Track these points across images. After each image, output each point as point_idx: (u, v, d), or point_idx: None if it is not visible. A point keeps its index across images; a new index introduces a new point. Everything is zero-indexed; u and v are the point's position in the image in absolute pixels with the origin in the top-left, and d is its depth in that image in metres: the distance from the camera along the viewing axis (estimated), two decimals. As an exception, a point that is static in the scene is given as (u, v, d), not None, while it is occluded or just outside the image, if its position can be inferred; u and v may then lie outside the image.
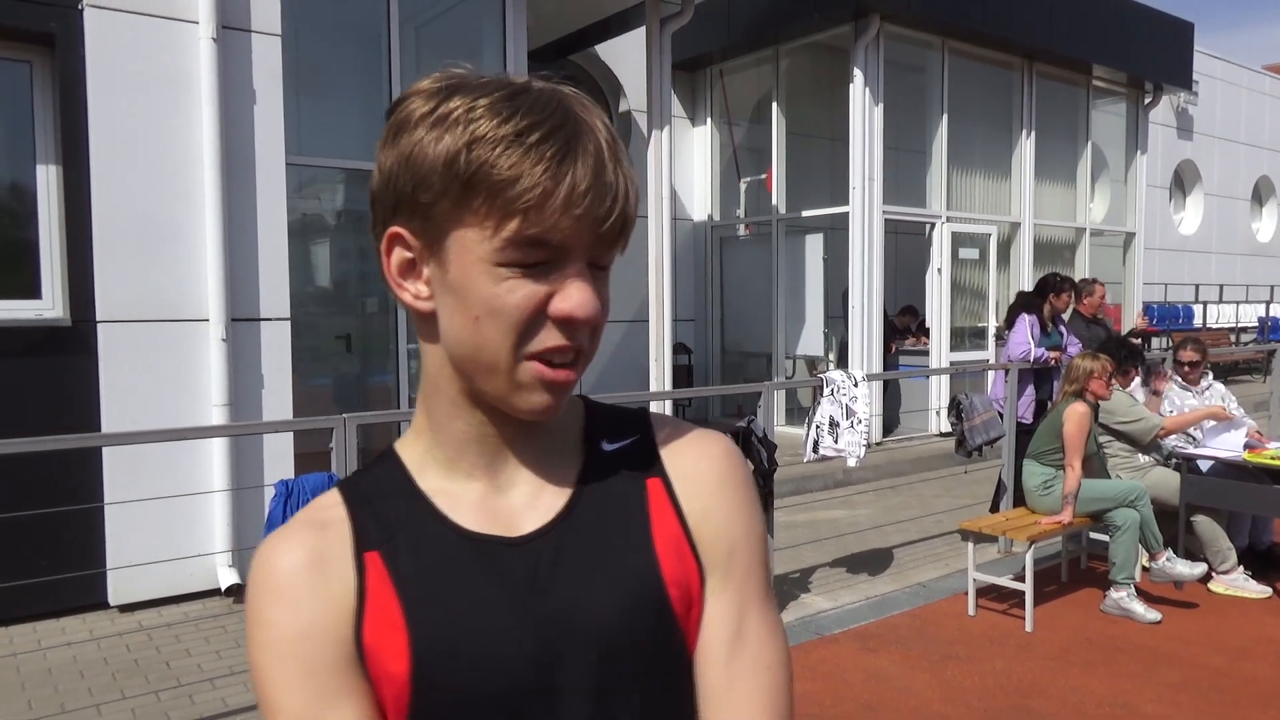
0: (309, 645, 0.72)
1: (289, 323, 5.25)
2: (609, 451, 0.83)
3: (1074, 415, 4.81)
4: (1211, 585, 5.05)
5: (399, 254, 0.74)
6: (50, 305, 4.86)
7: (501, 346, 0.71)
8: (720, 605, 0.80)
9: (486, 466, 0.79)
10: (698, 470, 0.83)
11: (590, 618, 0.75)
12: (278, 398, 5.18)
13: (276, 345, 5.19)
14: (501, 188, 0.68)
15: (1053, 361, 6.14)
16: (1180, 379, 5.81)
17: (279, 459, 5.12)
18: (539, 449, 0.80)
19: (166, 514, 4.76)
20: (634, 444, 0.84)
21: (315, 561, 0.74)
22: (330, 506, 0.78)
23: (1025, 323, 6.16)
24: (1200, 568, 4.73)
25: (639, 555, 0.78)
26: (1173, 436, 5.43)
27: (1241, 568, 5.08)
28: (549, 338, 0.71)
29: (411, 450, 0.81)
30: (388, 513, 0.78)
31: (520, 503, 0.79)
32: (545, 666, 0.73)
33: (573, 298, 0.71)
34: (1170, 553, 4.77)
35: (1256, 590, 4.98)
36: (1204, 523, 5.09)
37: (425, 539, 0.76)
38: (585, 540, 0.78)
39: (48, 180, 4.86)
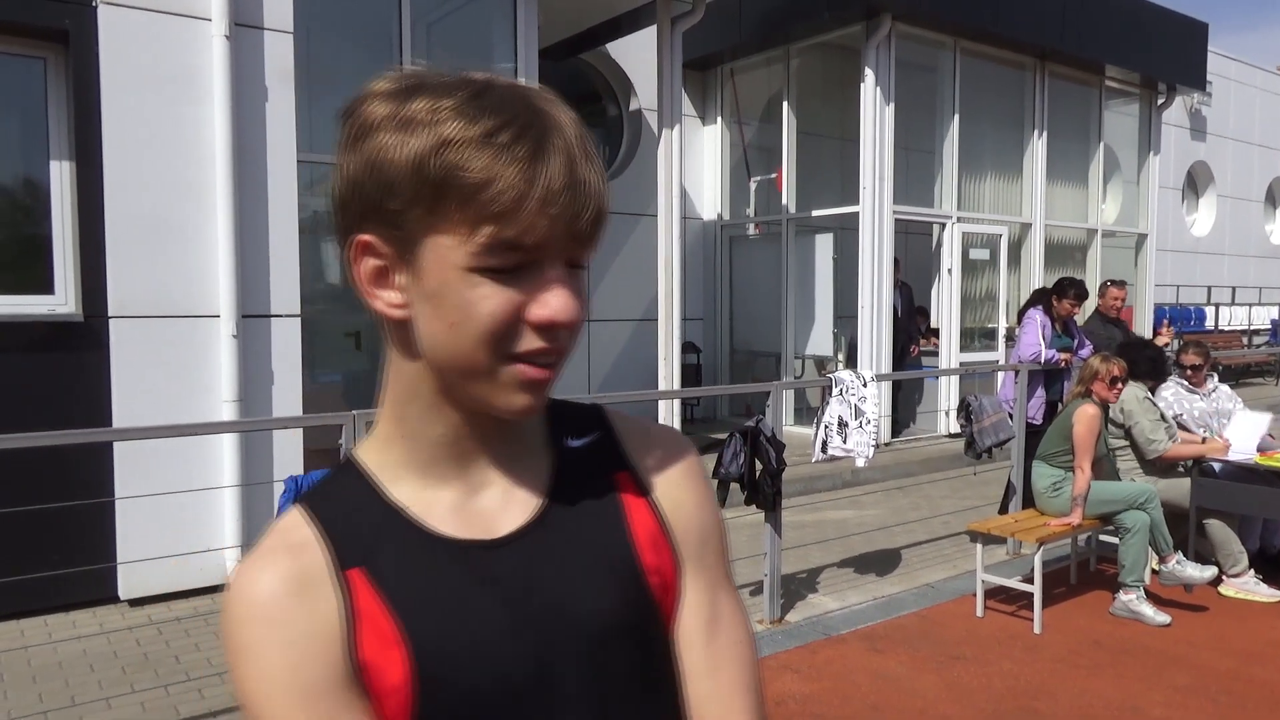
0: (305, 672, 0.70)
1: (299, 319, 5.27)
2: (576, 448, 0.85)
3: (1084, 417, 4.79)
4: (1222, 589, 5.03)
5: (369, 262, 0.72)
6: (62, 300, 4.89)
7: (478, 352, 0.70)
8: (697, 591, 0.84)
9: (460, 470, 0.78)
10: (663, 464, 0.87)
11: (579, 612, 0.77)
12: (288, 394, 5.20)
13: (287, 342, 5.21)
14: (474, 191, 0.66)
15: (1063, 363, 6.12)
16: (1185, 382, 5.79)
17: (288, 455, 5.14)
18: (510, 450, 0.81)
19: (176, 509, 4.79)
20: (598, 440, 0.86)
21: (297, 586, 0.72)
22: (298, 528, 0.76)
23: (1035, 323, 6.14)
24: (1210, 571, 4.70)
25: (618, 547, 0.80)
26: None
27: (1252, 571, 5.05)
28: (529, 342, 0.71)
29: (380, 459, 0.79)
30: (361, 528, 0.76)
31: (495, 505, 0.79)
32: (543, 663, 0.75)
33: (551, 303, 0.70)
34: (1180, 555, 4.75)
35: (1267, 594, 4.96)
36: (1215, 526, 5.06)
37: (406, 550, 0.76)
38: (564, 536, 0.79)
39: (61, 176, 4.89)
